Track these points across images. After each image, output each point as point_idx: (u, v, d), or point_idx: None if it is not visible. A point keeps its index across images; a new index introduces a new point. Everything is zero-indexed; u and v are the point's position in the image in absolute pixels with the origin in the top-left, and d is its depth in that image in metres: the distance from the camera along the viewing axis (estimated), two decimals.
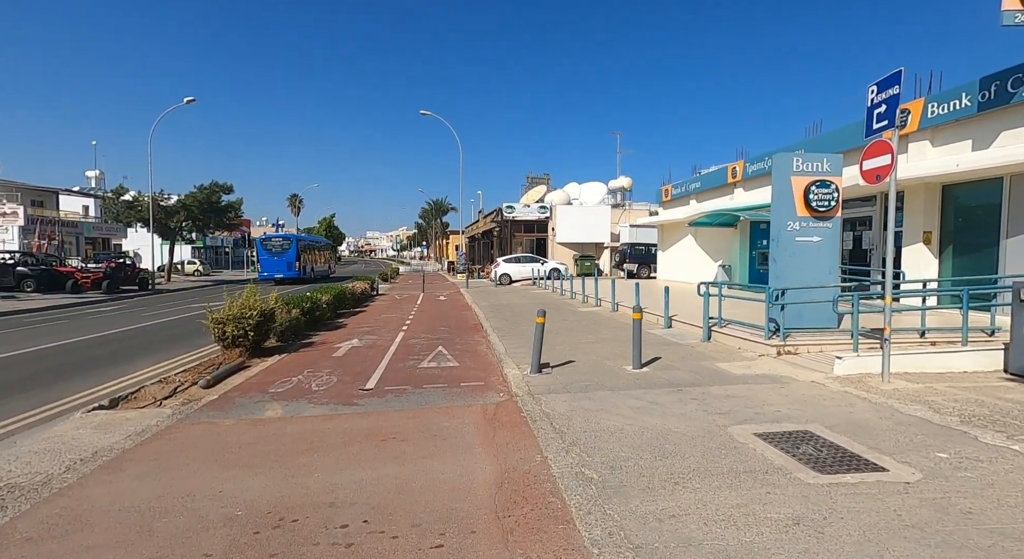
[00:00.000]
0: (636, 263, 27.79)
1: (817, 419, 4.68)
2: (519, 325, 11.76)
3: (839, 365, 6.18)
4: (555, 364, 7.46)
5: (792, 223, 8.11)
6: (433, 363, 8.09)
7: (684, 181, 22.90)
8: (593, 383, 6.32)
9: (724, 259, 19.62)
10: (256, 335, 8.60)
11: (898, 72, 5.51)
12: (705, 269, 21.16)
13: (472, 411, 5.46)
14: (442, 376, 7.20)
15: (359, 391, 6.44)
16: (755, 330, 8.36)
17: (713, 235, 20.44)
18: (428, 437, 4.68)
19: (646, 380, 6.40)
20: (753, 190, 17.77)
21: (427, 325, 12.56)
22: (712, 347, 8.51)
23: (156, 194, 32.01)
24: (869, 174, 5.96)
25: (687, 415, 4.93)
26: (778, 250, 8.16)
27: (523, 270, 27.61)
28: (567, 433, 4.51)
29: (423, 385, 6.69)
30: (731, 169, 18.82)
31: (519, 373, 6.98)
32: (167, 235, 34.95)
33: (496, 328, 11.37)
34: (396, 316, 14.57)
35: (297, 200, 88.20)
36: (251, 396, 6.27)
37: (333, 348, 9.56)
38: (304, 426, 5.09)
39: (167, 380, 7.06)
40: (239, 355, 8.42)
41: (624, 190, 38.64)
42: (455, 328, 12.01)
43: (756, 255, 18.35)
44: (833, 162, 8.15)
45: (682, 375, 6.60)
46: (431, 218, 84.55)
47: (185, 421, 5.31)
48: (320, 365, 8.04)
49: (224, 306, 8.67)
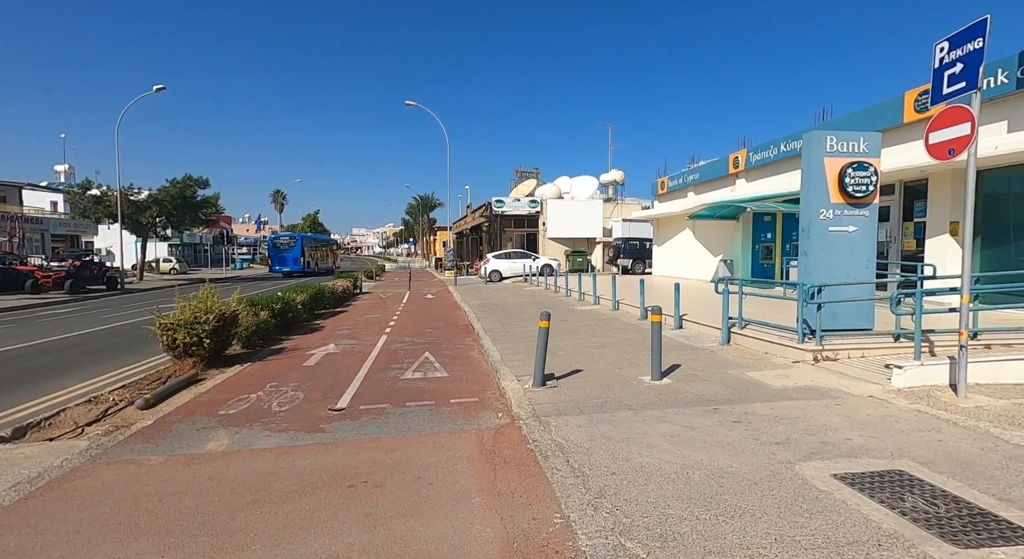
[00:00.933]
0: (631, 258, 26.90)
1: (904, 452, 3.71)
2: (513, 326, 10.72)
3: (899, 376, 5.24)
4: (560, 374, 6.44)
5: (825, 211, 7.16)
6: (419, 373, 7.02)
7: (681, 172, 22.00)
8: (609, 400, 5.30)
9: (725, 254, 18.76)
10: (214, 342, 7.45)
11: (982, 21, 4.54)
12: (704, 264, 20.31)
13: (466, 440, 4.42)
14: (429, 390, 6.14)
15: (328, 412, 5.35)
16: (782, 332, 7.42)
17: (713, 229, 19.57)
18: (409, 480, 3.62)
19: (671, 395, 5.40)
20: (757, 181, 16.90)
21: (413, 327, 11.47)
22: (735, 352, 7.55)
23: (125, 188, 30.33)
24: (939, 148, 5.01)
25: (736, 446, 3.93)
26: (809, 242, 7.22)
27: (514, 266, 26.56)
28: (590, 476, 3.48)
29: (406, 403, 5.62)
30: (732, 159, 17.93)
31: (519, 387, 5.94)
32: (139, 232, 33.27)
33: (489, 330, 10.32)
34: (379, 316, 13.44)
35: (280, 196, 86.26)
36: (195, 420, 5.15)
37: (305, 355, 8.43)
38: (252, 465, 4.00)
39: (98, 399, 5.90)
40: (192, 366, 7.26)
41: (616, 184, 37.71)
42: (444, 330, 10.93)
43: (759, 249, 17.50)
44: (871, 141, 7.21)
45: (712, 388, 5.61)
46: (418, 214, 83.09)
47: (101, 459, 4.19)
48: (287, 377, 6.92)
49: (176, 309, 7.51)
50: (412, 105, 31.53)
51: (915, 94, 10.97)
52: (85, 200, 31.06)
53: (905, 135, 11.23)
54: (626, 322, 10.87)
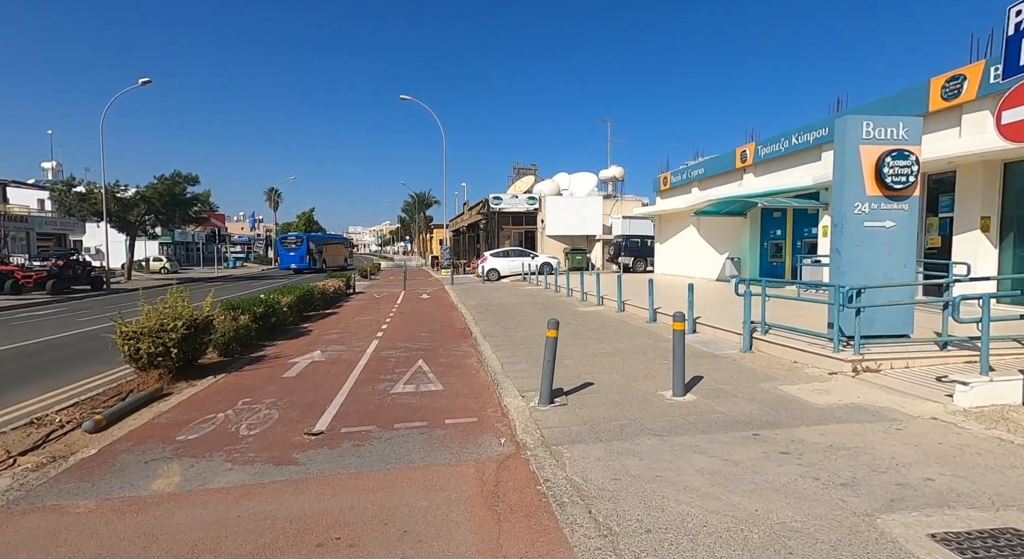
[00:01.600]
0: (632, 256, 26.20)
1: (1007, 499, 3.01)
2: (514, 330, 10.00)
3: (965, 394, 4.55)
4: (569, 389, 5.73)
5: (860, 204, 6.46)
6: (410, 386, 6.31)
7: (685, 167, 21.30)
8: (629, 422, 4.59)
9: (731, 251, 18.09)
10: (183, 352, 6.71)
11: None
12: (709, 262, 19.64)
13: (463, 475, 3.70)
14: (421, 407, 5.42)
15: (304, 437, 4.63)
16: (812, 338, 6.74)
17: (719, 225, 18.90)
18: (393, 537, 2.91)
19: (699, 416, 4.70)
20: (766, 175, 16.22)
21: (406, 330, 10.74)
22: (760, 360, 6.85)
23: (111, 185, 29.44)
24: (1013, 129, 4.31)
25: (794, 489, 3.23)
26: (842, 238, 6.52)
27: (512, 265, 25.83)
28: (620, 535, 2.77)
29: (394, 424, 4.90)
30: (739, 153, 17.24)
31: (523, 404, 5.23)
32: (127, 230, 32.38)
33: (487, 334, 9.60)
34: (372, 319, 12.71)
35: (275, 194, 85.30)
36: (147, 448, 4.41)
37: (287, 364, 7.70)
38: (202, 512, 3.27)
39: (42, 421, 5.15)
40: (158, 379, 6.52)
41: (616, 180, 36.95)
42: (439, 334, 10.21)
43: (768, 246, 16.84)
44: (911, 127, 6.51)
45: (744, 407, 4.91)
46: (414, 212, 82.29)
47: (19, 504, 3.45)
48: (263, 391, 6.19)
49: (142, 316, 6.77)
50: (407, 100, 30.76)
51: (942, 81, 10.28)
52: (70, 198, 30.13)
53: (931, 124, 10.54)
54: (634, 326, 10.16)
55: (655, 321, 10.43)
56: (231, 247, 74.10)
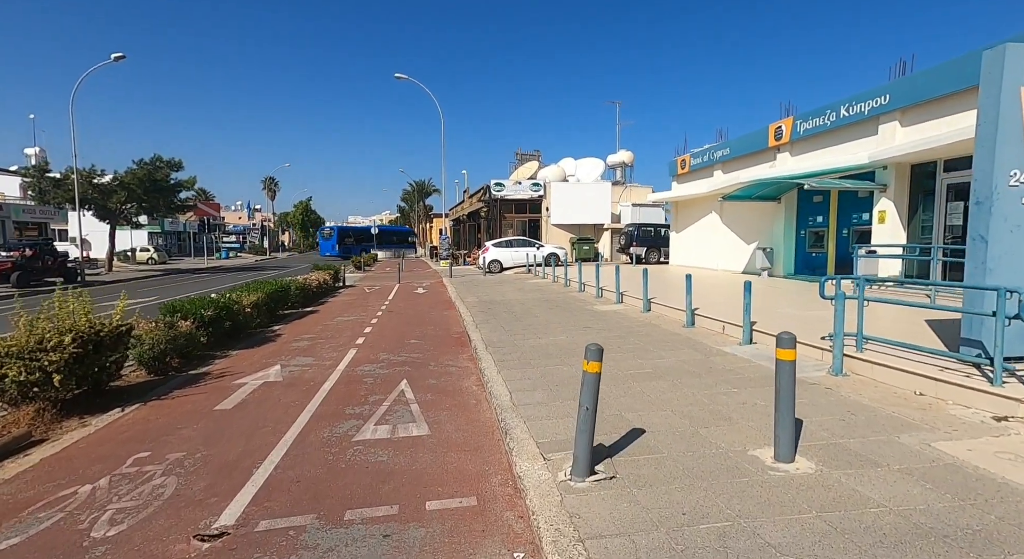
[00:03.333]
0: (644, 246, 24.26)
1: None
2: (523, 336, 8.17)
3: None
4: (613, 441, 3.89)
5: (1018, 173, 4.59)
6: (383, 427, 4.50)
7: (707, 148, 19.32)
8: (732, 525, 2.76)
9: (761, 240, 16.21)
10: (77, 377, 4.91)
11: None
12: (733, 253, 17.77)
13: None
14: (394, 473, 3.61)
15: (191, 544, 2.82)
16: (930, 358, 4.91)
17: (745, 212, 17.00)
18: None
19: (841, 507, 2.87)
20: (806, 154, 14.26)
21: (393, 335, 8.91)
22: (865, 389, 5.00)
23: (86, 170, 27.56)
24: None
25: None
26: (990, 221, 4.64)
27: (516, 256, 23.95)
28: None
29: (345, 513, 3.09)
30: (773, 130, 15.26)
31: (548, 475, 3.39)
32: (108, 218, 30.51)
33: (490, 343, 7.76)
34: (355, 319, 10.89)
35: (272, 183, 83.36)
36: None
37: (229, 387, 5.89)
38: None
39: None
40: (33, 417, 4.71)
41: (625, 166, 34.81)
42: (432, 341, 8.38)
43: (806, 235, 14.93)
44: None
45: (906, 488, 3.07)
46: (414, 201, 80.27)
47: None
48: (174, 437, 4.38)
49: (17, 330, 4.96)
50: (402, 78, 28.74)
51: None
52: (43, 183, 28.21)
53: None
54: (669, 331, 8.32)
55: (693, 325, 8.59)
56: (226, 237, 72.20)
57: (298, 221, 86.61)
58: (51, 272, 23.52)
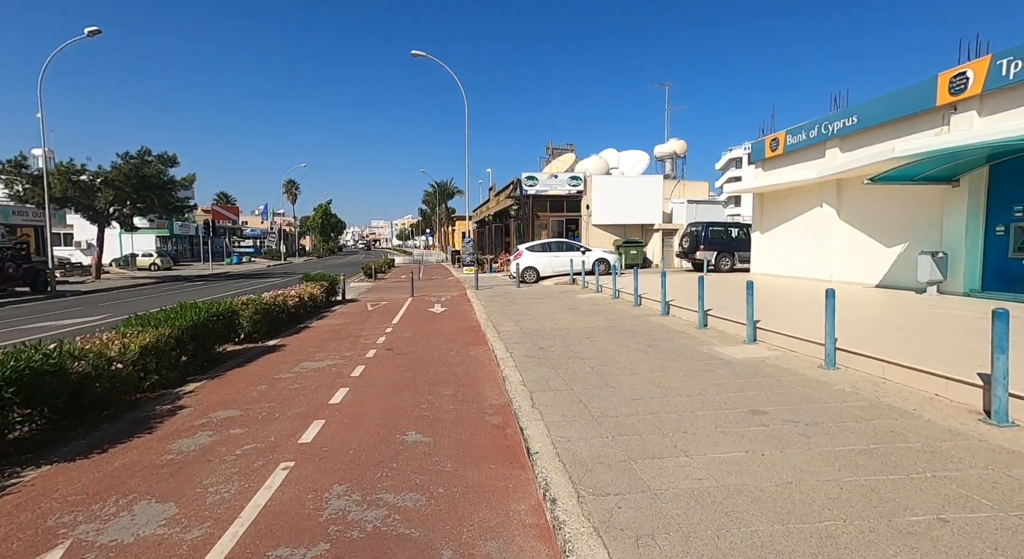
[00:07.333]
0: (715, 250, 19.60)
1: None
2: (640, 438, 3.83)
3: None
4: None
5: None
6: None
7: (816, 121, 14.72)
8: None
9: (917, 241, 11.55)
10: None
11: None
12: (863, 260, 13.11)
13: None
14: None
15: None
16: None
17: (889, 201, 12.38)
18: None
19: None
20: (1009, 110, 9.61)
21: (378, 415, 4.67)
22: None
23: (64, 164, 24.43)
24: None
25: None
26: None
27: (556, 262, 19.61)
28: None
29: None
30: (946, 80, 10.60)
31: None
32: (96, 220, 27.40)
33: (565, 443, 3.45)
34: (329, 366, 6.75)
35: (293, 186, 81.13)
36: None
37: None
38: None
39: None
40: None
41: (676, 156, 30.11)
42: (449, 439, 4.10)
43: (1008, 232, 10.16)
44: None
45: None
46: (435, 203, 76.78)
47: None
48: None
49: None
50: (419, 55, 24.81)
51: None
52: (21, 180, 25.17)
53: None
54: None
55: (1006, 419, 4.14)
56: (241, 241, 69.80)
57: (317, 225, 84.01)
58: (14, 281, 20.30)
